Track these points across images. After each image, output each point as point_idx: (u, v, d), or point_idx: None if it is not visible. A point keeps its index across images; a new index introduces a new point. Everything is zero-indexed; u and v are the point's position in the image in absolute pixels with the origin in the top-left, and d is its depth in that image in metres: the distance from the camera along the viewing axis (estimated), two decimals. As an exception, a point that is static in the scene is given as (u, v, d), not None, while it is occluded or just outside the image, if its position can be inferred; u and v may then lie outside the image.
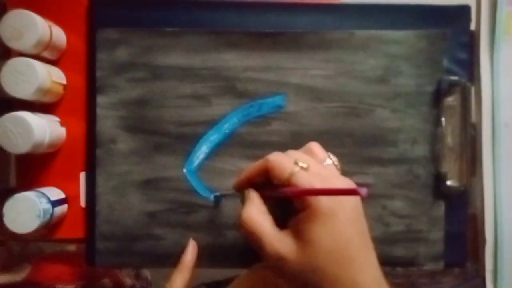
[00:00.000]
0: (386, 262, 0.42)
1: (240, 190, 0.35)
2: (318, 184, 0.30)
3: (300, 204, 0.31)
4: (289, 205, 0.32)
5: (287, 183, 0.31)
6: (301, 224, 0.30)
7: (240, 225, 0.32)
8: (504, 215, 0.42)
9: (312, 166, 0.31)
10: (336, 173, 0.33)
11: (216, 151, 0.42)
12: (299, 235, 0.30)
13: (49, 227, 0.41)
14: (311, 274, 0.30)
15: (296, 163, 0.31)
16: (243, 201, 0.34)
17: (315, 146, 0.34)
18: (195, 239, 0.40)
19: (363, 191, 0.26)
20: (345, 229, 0.30)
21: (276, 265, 0.31)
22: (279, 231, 0.31)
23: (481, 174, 0.43)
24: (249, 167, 0.35)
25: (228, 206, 0.41)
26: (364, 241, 0.32)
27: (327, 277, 0.30)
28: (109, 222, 0.41)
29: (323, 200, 0.30)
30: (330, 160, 0.34)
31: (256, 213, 0.32)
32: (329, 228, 0.30)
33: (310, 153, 0.34)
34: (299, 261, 0.30)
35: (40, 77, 0.37)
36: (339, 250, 0.30)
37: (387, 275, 0.36)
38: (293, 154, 0.33)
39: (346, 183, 0.32)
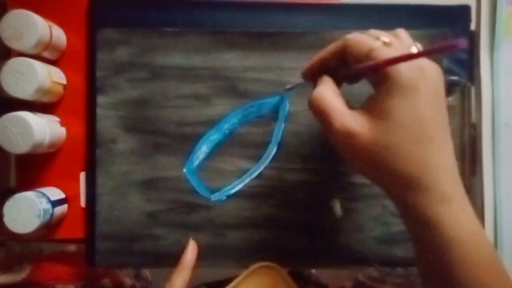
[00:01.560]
0: (386, 262, 0.42)
1: (311, 77, 0.33)
2: (401, 61, 0.27)
3: (378, 79, 0.29)
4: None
5: (365, 59, 0.29)
6: (378, 99, 0.28)
7: (309, 105, 0.31)
8: (504, 216, 0.42)
9: (396, 43, 0.29)
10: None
11: (216, 151, 0.42)
12: (375, 111, 0.28)
13: (49, 227, 0.41)
14: (383, 150, 0.28)
15: (377, 38, 0.29)
16: (315, 85, 0.32)
17: (402, 32, 0.31)
18: (195, 239, 0.40)
19: (463, 42, 0.23)
20: (426, 106, 0.28)
21: (345, 142, 0.29)
22: (351, 110, 0.30)
23: (481, 174, 0.43)
24: (321, 51, 0.32)
25: (228, 206, 0.41)
26: (443, 122, 0.29)
27: (400, 154, 0.28)
28: (109, 222, 0.41)
29: (405, 71, 0.27)
30: (415, 48, 0.30)
31: (328, 92, 0.30)
32: (409, 102, 0.27)
33: (397, 37, 0.31)
34: (372, 136, 0.28)
35: (40, 77, 0.37)
36: (418, 127, 0.28)
37: (387, 275, 0.36)
38: (375, 32, 0.30)
39: (431, 63, 0.29)
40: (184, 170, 0.41)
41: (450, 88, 0.42)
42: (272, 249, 0.41)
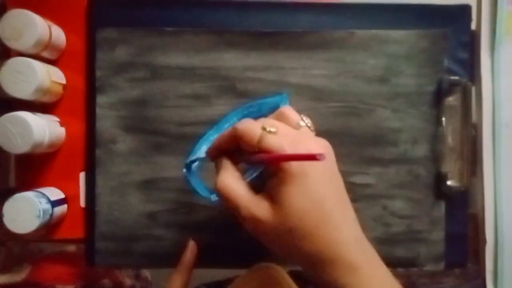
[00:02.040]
0: (387, 263, 0.42)
1: (214, 158, 0.35)
2: (287, 146, 0.30)
3: (271, 169, 0.31)
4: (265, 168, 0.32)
5: (257, 149, 0.31)
6: (275, 187, 0.30)
7: (217, 193, 0.32)
8: (505, 216, 0.42)
9: (281, 129, 0.31)
10: (308, 134, 0.33)
11: (216, 151, 0.41)
12: (273, 198, 0.30)
13: (49, 227, 0.41)
14: (287, 235, 0.30)
15: (264, 128, 0.31)
16: (217, 169, 0.34)
17: (286, 110, 0.34)
18: (194, 239, 0.40)
19: (321, 156, 0.27)
20: (318, 188, 0.30)
21: (254, 228, 0.31)
22: (254, 195, 0.31)
23: (481, 174, 0.43)
24: (219, 136, 0.35)
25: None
26: (339, 198, 0.31)
27: (303, 236, 0.30)
28: (109, 223, 0.41)
29: (293, 161, 0.30)
30: (303, 122, 0.33)
31: (231, 180, 0.32)
32: (301, 189, 0.30)
33: (282, 118, 0.33)
34: (275, 222, 0.30)
35: (40, 77, 0.37)
36: (314, 208, 0.30)
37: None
38: (261, 120, 0.32)
39: (318, 143, 0.32)
40: (184, 170, 0.41)
41: (450, 88, 0.42)
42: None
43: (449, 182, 0.42)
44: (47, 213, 0.38)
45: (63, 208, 0.41)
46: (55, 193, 0.41)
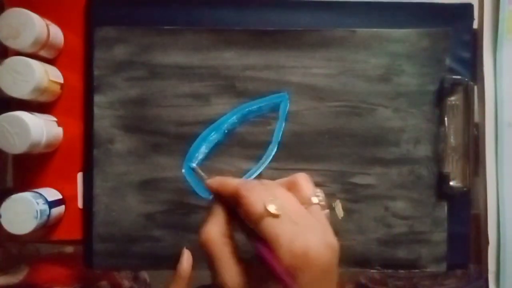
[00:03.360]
0: (389, 265, 0.42)
1: (212, 192, 0.32)
2: (284, 238, 0.26)
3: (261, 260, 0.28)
4: None
5: (254, 226, 0.28)
6: (264, 281, 0.27)
7: (199, 242, 0.29)
8: (507, 216, 0.42)
9: (286, 211, 0.27)
10: (315, 221, 0.29)
11: (215, 151, 0.41)
12: (256, 285, 0.28)
13: (46, 228, 0.40)
14: None
15: (266, 208, 0.27)
16: (208, 213, 0.31)
17: (302, 180, 0.31)
18: (189, 248, 0.39)
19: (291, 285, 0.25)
20: None
21: None
22: (237, 264, 0.28)
23: (484, 174, 0.43)
24: (224, 182, 0.31)
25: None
26: None
27: None
28: (107, 224, 0.41)
29: (287, 257, 0.26)
30: (316, 199, 0.30)
31: (218, 235, 0.29)
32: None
33: (294, 188, 0.30)
34: None
35: (37, 76, 0.37)
36: None
37: (389, 277, 0.35)
38: (270, 188, 0.29)
39: (319, 240, 0.27)
40: (183, 170, 0.41)
41: (452, 87, 0.42)
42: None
43: (451, 183, 0.41)
44: (44, 214, 0.38)
45: (60, 209, 0.41)
46: (53, 194, 0.40)
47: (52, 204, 0.39)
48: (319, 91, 0.41)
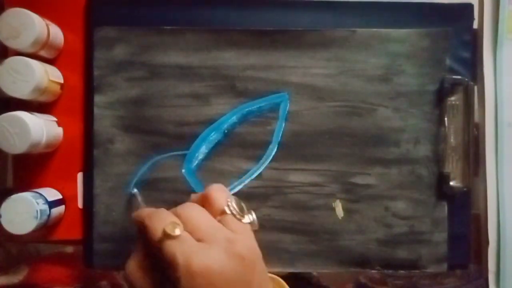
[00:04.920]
0: (389, 265, 0.42)
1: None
2: (181, 257, 0.26)
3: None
4: None
5: (158, 252, 0.28)
6: None
7: (123, 277, 0.31)
8: (507, 216, 0.42)
9: (191, 228, 0.28)
10: (221, 235, 0.28)
11: (215, 151, 0.41)
12: None
13: (47, 228, 0.40)
14: None
15: (164, 232, 0.27)
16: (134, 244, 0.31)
17: (213, 191, 0.31)
18: None
19: None
20: None
21: None
22: None
23: (484, 174, 0.43)
24: (137, 215, 0.32)
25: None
26: None
27: None
28: (107, 224, 0.41)
29: (187, 278, 0.26)
30: (229, 209, 0.30)
31: (135, 269, 0.30)
32: None
33: (206, 201, 0.30)
34: None
35: (37, 76, 0.37)
36: None
37: (388, 277, 0.35)
38: (178, 210, 0.29)
39: (219, 256, 0.27)
40: (183, 170, 0.41)
41: (452, 87, 0.42)
42: (272, 250, 0.41)
43: (451, 183, 0.41)
44: (44, 214, 0.38)
45: (60, 209, 0.41)
46: (53, 194, 0.40)
47: (52, 204, 0.39)
48: (319, 91, 0.41)
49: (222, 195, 0.31)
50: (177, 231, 0.27)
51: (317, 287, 0.43)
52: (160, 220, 0.29)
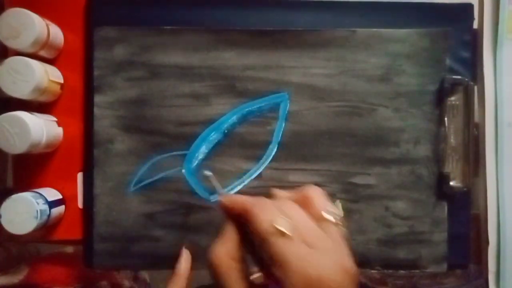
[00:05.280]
0: (389, 265, 0.42)
1: (223, 210, 0.30)
2: (298, 264, 0.25)
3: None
4: None
5: (263, 246, 0.26)
6: None
7: (207, 261, 0.28)
8: (507, 216, 0.42)
9: (300, 230, 0.26)
10: (328, 244, 0.27)
11: (215, 151, 0.41)
12: None
13: (47, 228, 0.40)
14: None
15: (274, 226, 0.26)
16: (220, 230, 0.29)
17: (314, 194, 0.29)
18: (188, 246, 0.39)
19: None
20: None
21: None
22: (248, 280, 0.27)
23: (484, 174, 0.43)
24: (234, 199, 0.30)
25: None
26: None
27: None
28: (107, 223, 0.41)
29: (300, 284, 0.25)
30: (329, 215, 0.28)
31: (225, 257, 0.27)
32: None
33: (305, 203, 0.28)
34: None
35: (37, 76, 0.37)
36: None
37: (388, 276, 0.35)
38: (282, 205, 0.27)
39: (335, 268, 0.26)
40: (183, 170, 0.41)
41: (452, 87, 0.42)
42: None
43: (451, 183, 0.41)
44: (44, 214, 0.38)
45: (60, 209, 0.41)
46: (53, 194, 0.40)
47: (52, 204, 0.39)
48: (319, 91, 0.41)
49: (323, 198, 0.29)
50: (290, 230, 0.26)
51: None
52: (269, 212, 0.27)
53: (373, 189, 0.41)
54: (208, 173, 0.34)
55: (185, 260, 0.38)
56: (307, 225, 0.27)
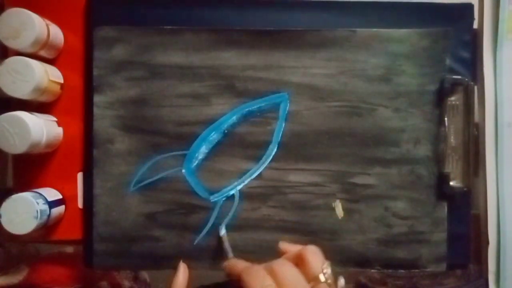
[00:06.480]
0: (389, 265, 0.42)
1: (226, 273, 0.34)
2: None
3: None
4: None
5: None
6: None
7: None
8: (507, 216, 0.42)
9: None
10: None
11: (215, 151, 0.41)
12: None
13: (47, 228, 0.40)
14: None
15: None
16: None
17: (310, 255, 0.31)
18: (185, 261, 0.39)
19: None
20: None
21: None
22: None
23: (484, 174, 0.43)
24: (233, 265, 0.33)
25: (227, 207, 0.41)
26: None
27: None
28: (107, 224, 0.41)
29: None
30: (323, 276, 0.30)
31: None
32: None
33: (301, 262, 0.30)
34: None
35: (37, 76, 0.37)
36: None
37: (388, 276, 0.35)
38: (272, 269, 0.30)
39: None
40: (183, 170, 0.41)
41: (452, 87, 0.42)
42: (272, 250, 0.41)
43: (451, 183, 0.41)
44: (44, 214, 0.38)
45: (60, 209, 0.41)
46: (53, 194, 0.40)
47: (52, 204, 0.39)
48: (319, 91, 0.41)
49: (319, 260, 0.31)
50: None
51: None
52: (258, 279, 0.29)
53: (373, 189, 0.41)
54: (223, 233, 0.38)
55: (182, 274, 0.38)
56: (298, 286, 0.29)
